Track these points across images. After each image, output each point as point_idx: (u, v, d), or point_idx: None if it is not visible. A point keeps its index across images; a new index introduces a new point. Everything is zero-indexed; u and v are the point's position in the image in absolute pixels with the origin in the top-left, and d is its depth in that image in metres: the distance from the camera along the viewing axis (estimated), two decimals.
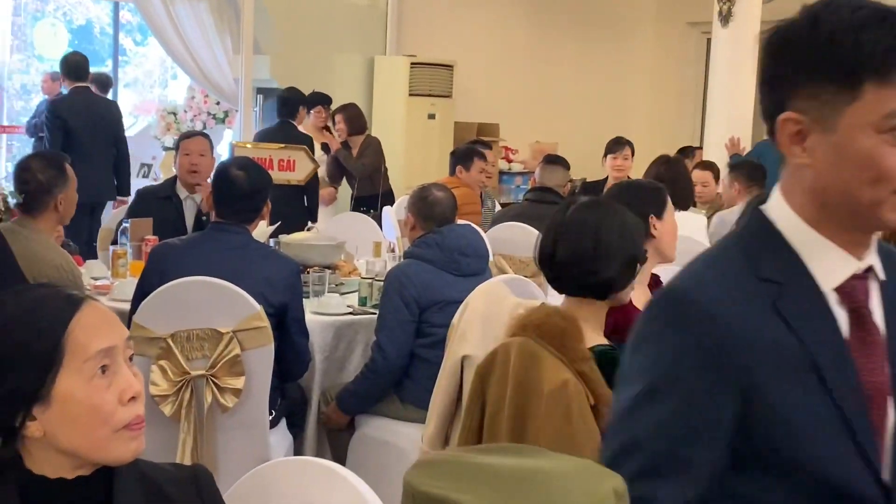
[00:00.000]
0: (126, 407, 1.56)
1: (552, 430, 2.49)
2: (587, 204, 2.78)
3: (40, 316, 1.56)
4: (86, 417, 1.54)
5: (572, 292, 2.73)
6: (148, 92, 12.70)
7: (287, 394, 4.00)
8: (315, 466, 1.79)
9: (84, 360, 1.54)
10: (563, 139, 10.05)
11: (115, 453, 1.57)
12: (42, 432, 1.55)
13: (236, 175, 3.82)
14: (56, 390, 1.53)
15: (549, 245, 2.71)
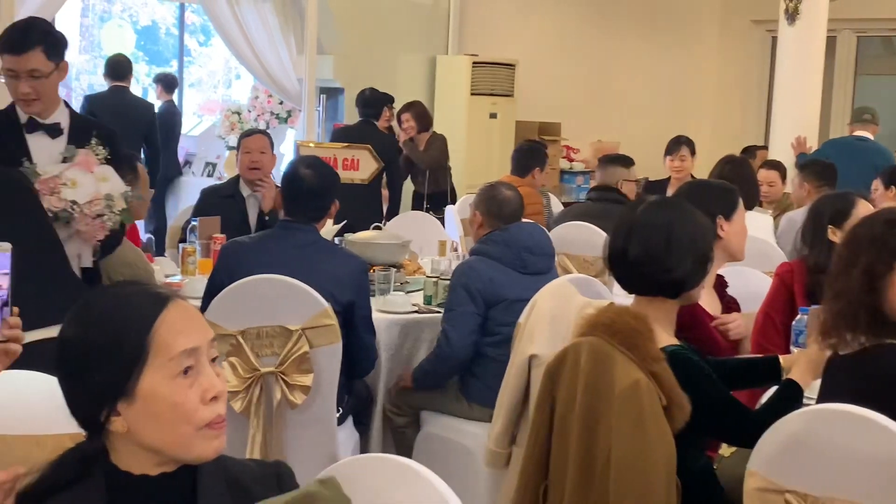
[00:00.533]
0: (208, 406, 1.58)
1: (624, 430, 2.48)
2: (658, 203, 2.77)
3: (128, 313, 1.58)
4: (168, 415, 1.56)
5: (643, 291, 2.72)
6: (212, 92, 12.83)
7: (354, 391, 4.03)
8: (393, 464, 1.80)
9: (168, 358, 1.56)
10: (624, 138, 9.98)
11: (197, 451, 1.59)
12: (126, 428, 1.57)
13: (305, 174, 3.84)
14: (140, 387, 1.55)
15: (621, 244, 2.70)
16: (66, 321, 1.61)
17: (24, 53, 3.50)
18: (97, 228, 3.52)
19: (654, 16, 10.60)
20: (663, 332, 2.65)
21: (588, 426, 2.57)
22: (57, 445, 1.99)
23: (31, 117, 3.63)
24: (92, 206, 3.49)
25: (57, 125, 3.66)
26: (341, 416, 3.83)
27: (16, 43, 3.52)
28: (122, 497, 1.59)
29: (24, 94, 3.54)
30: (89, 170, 3.53)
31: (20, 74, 3.52)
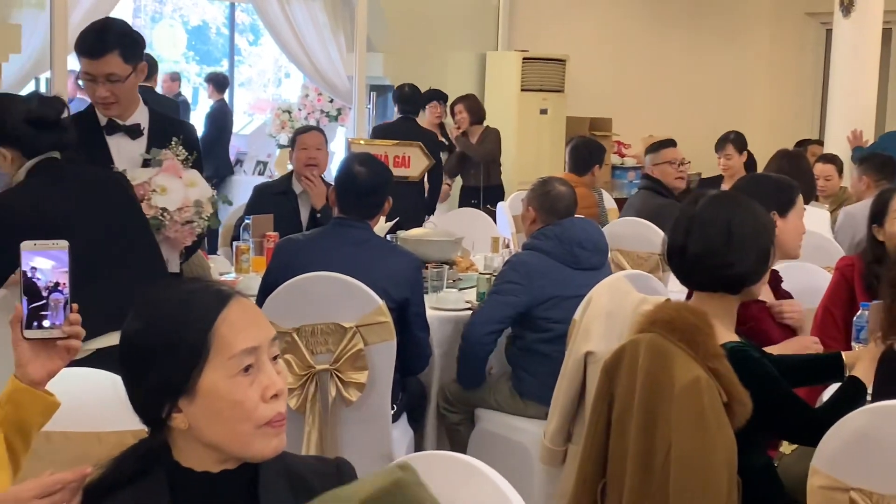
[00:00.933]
0: (268, 404, 1.58)
1: (684, 428, 2.45)
2: (717, 197, 2.73)
3: (190, 310, 1.58)
4: (228, 412, 1.56)
5: (704, 287, 2.68)
6: (262, 91, 12.92)
7: (408, 388, 4.02)
8: (456, 462, 1.79)
9: (228, 356, 1.56)
10: (677, 133, 9.84)
11: (257, 449, 1.59)
12: (187, 424, 1.57)
13: (359, 171, 3.84)
14: (201, 384, 1.56)
15: (680, 239, 2.67)
16: (129, 317, 1.62)
17: (101, 58, 3.42)
18: (186, 235, 3.47)
19: (705, 9, 10.49)
20: (724, 329, 2.61)
21: (647, 424, 2.55)
22: (118, 442, 2.01)
23: (111, 119, 3.56)
24: (182, 212, 3.43)
25: (137, 126, 3.59)
26: (395, 414, 3.83)
27: (92, 47, 3.44)
28: (184, 493, 1.60)
29: (102, 98, 3.47)
30: (178, 175, 3.47)
31: (98, 78, 3.44)
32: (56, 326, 1.87)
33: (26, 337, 1.88)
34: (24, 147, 3.00)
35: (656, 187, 5.76)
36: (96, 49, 3.42)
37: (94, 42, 3.44)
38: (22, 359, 1.90)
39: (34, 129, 2.97)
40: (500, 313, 3.98)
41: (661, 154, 5.83)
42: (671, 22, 10.33)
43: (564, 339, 3.82)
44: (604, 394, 2.71)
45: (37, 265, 1.85)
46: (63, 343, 1.90)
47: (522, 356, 4.07)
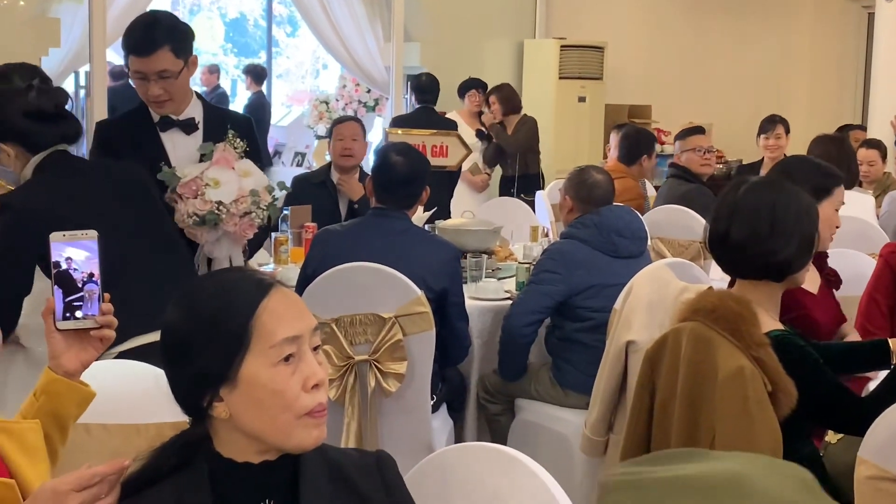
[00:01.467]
0: (309, 394, 1.57)
1: (728, 418, 2.42)
2: (760, 183, 2.68)
3: (231, 297, 1.58)
4: (269, 402, 1.55)
5: (747, 275, 2.64)
6: (300, 82, 12.94)
7: (447, 379, 4.00)
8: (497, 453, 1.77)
9: (270, 345, 1.55)
10: (717, 120, 9.81)
11: (297, 439, 1.58)
12: (228, 414, 1.57)
13: (396, 160, 3.82)
14: (242, 373, 1.55)
15: (723, 226, 2.62)
16: (171, 307, 1.62)
17: (151, 55, 3.24)
18: (246, 227, 3.33)
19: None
20: (767, 317, 2.57)
21: (690, 413, 2.51)
22: (158, 434, 2.01)
23: (165, 115, 3.41)
24: (238, 204, 3.28)
25: (191, 120, 3.43)
26: (435, 404, 3.81)
27: (141, 44, 3.26)
28: (224, 484, 1.59)
29: (154, 96, 3.31)
30: (230, 166, 3.32)
31: (149, 76, 3.27)
32: (89, 317, 1.87)
33: (59, 328, 1.88)
34: (26, 142, 2.85)
35: (683, 174, 5.71)
36: (145, 46, 3.25)
37: (143, 39, 3.26)
38: (55, 350, 1.90)
39: (33, 123, 2.82)
40: (538, 303, 3.95)
41: (688, 141, 5.79)
42: (711, 7, 10.22)
43: (604, 329, 3.78)
44: (646, 383, 2.68)
45: (68, 256, 1.85)
46: (96, 333, 1.90)
47: (562, 346, 4.04)
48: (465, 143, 6.21)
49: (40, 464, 1.81)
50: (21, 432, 1.82)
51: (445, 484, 1.82)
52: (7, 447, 1.78)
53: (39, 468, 1.80)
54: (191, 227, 3.27)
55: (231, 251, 3.36)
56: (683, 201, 5.27)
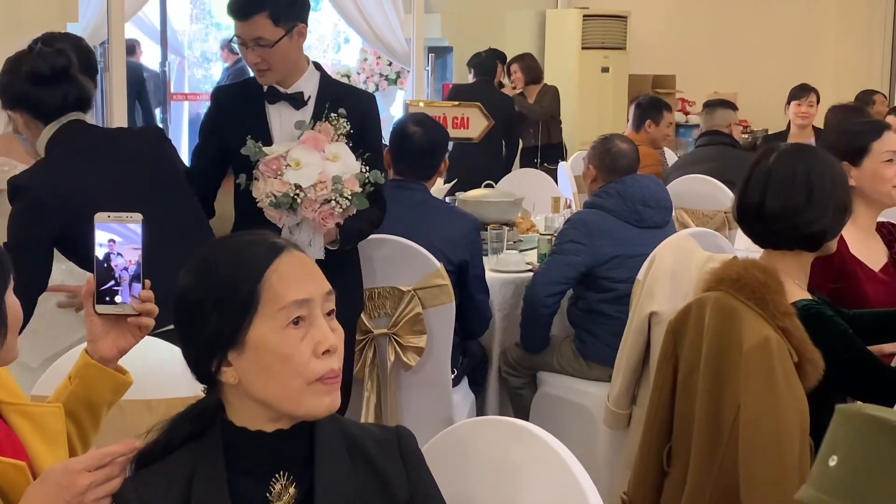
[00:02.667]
0: (320, 360, 1.53)
1: (753, 390, 2.36)
2: (792, 152, 2.60)
3: (241, 260, 1.55)
4: (278, 366, 1.52)
5: (781, 245, 2.56)
6: (321, 56, 12.87)
7: (468, 352, 3.96)
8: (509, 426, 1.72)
9: (278, 308, 1.52)
10: (743, 89, 9.68)
11: (308, 406, 1.54)
12: (237, 379, 1.54)
13: (413, 131, 3.78)
14: (250, 336, 1.52)
15: (756, 196, 2.54)
16: (182, 272, 1.59)
17: (249, 19, 3.07)
18: (325, 215, 3.07)
19: None
20: (795, 287, 2.51)
21: (714, 385, 2.45)
22: (168, 410, 1.97)
23: (272, 86, 3.22)
24: (317, 189, 3.04)
25: (300, 95, 3.20)
26: (456, 378, 3.78)
27: (240, 7, 3.09)
28: (238, 453, 1.56)
29: (253, 63, 3.13)
30: (318, 148, 3.08)
31: (248, 42, 3.10)
32: (127, 303, 1.83)
33: (98, 312, 1.83)
34: (30, 107, 2.80)
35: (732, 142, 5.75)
36: (244, 9, 3.08)
37: (243, 1, 3.10)
38: (93, 334, 1.86)
39: (32, 86, 2.76)
40: (561, 273, 3.89)
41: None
42: None
43: (627, 300, 3.73)
44: (669, 355, 2.62)
45: (110, 238, 1.80)
46: (134, 320, 1.86)
47: (585, 317, 3.99)
48: (486, 114, 6.15)
49: (59, 449, 1.78)
50: (41, 416, 1.78)
51: (462, 458, 1.78)
52: (25, 430, 1.75)
53: (58, 453, 1.77)
54: (267, 207, 3.08)
55: (312, 238, 3.14)
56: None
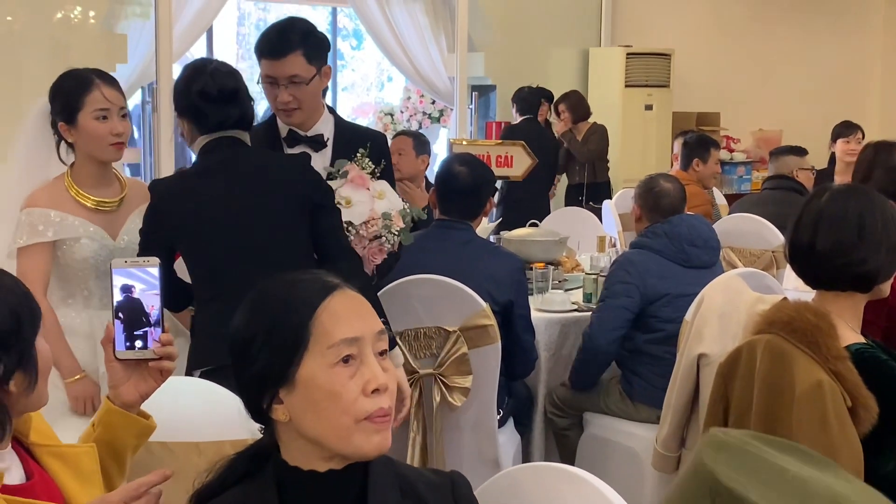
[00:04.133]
0: (369, 398, 1.53)
1: (806, 435, 2.32)
2: (844, 191, 2.57)
3: (292, 297, 1.57)
4: (326, 404, 1.52)
5: (832, 286, 2.52)
6: (365, 94, 12.96)
7: (514, 393, 3.94)
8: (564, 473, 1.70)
9: (328, 346, 1.53)
10: (787, 126, 9.62)
11: (356, 444, 1.53)
12: (288, 416, 1.55)
13: (459, 171, 3.78)
14: (300, 374, 1.53)
15: (807, 235, 2.52)
16: (240, 308, 1.61)
17: (284, 58, 3.09)
18: (375, 252, 3.14)
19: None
20: (848, 330, 2.47)
21: (766, 429, 2.41)
22: (217, 452, 1.98)
23: (292, 129, 3.23)
24: (368, 227, 3.10)
25: (320, 137, 3.24)
26: (502, 419, 3.75)
27: (275, 46, 3.11)
28: (292, 493, 1.56)
29: (283, 102, 3.13)
30: (364, 186, 3.12)
31: (279, 81, 3.11)
32: (148, 348, 1.84)
33: (118, 358, 1.84)
34: (194, 119, 2.91)
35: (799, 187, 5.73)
36: (279, 48, 3.10)
37: (277, 41, 3.12)
38: (114, 380, 1.87)
39: (201, 101, 2.87)
40: (618, 318, 3.87)
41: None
42: (779, 12, 10.03)
43: (675, 340, 3.70)
44: (719, 397, 2.59)
45: (130, 283, 1.82)
46: (155, 364, 1.87)
47: (632, 358, 3.95)
48: (530, 152, 6.15)
49: (94, 489, 1.78)
50: (76, 457, 1.79)
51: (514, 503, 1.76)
52: (60, 472, 1.75)
53: (93, 493, 1.77)
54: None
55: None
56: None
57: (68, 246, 3.08)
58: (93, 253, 3.09)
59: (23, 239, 3.03)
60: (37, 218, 3.04)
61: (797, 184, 5.76)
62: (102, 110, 3.06)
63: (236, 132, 2.92)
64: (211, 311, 2.85)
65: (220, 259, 2.86)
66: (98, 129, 3.06)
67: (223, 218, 2.85)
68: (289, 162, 3.03)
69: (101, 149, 3.09)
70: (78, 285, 3.14)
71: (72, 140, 3.09)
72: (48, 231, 3.04)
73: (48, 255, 3.06)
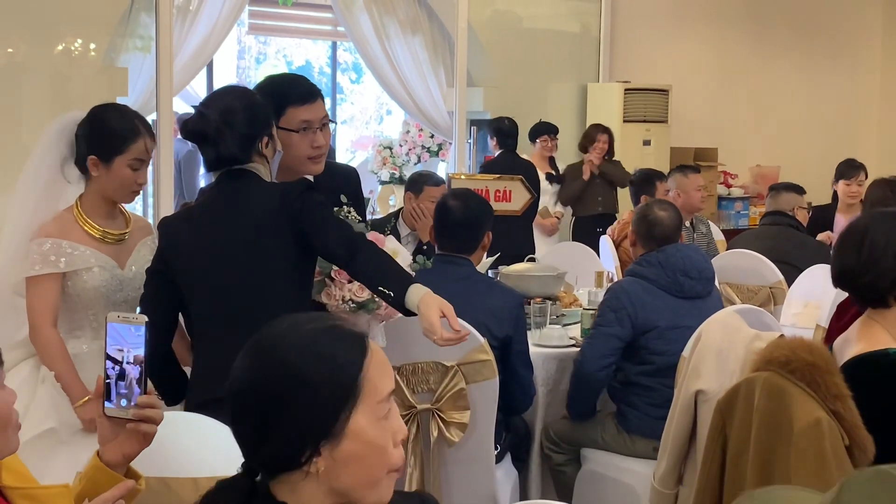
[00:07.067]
0: (396, 449, 1.57)
1: (804, 471, 2.33)
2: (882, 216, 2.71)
3: (335, 353, 1.54)
4: (371, 457, 1.53)
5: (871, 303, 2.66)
6: (364, 128, 13.01)
7: (511, 428, 3.93)
8: None
9: (378, 400, 1.54)
10: (785, 162, 9.66)
11: (380, 493, 1.56)
12: (323, 469, 1.52)
13: (452, 205, 3.80)
14: (350, 428, 1.52)
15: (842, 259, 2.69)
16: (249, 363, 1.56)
17: (317, 101, 3.14)
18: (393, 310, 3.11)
19: (812, 33, 10.23)
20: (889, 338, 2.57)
21: (764, 466, 2.42)
22: None
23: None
24: None
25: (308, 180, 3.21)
26: (499, 454, 3.74)
27: (309, 90, 3.14)
28: None
29: (320, 147, 3.14)
30: (381, 245, 3.04)
31: (314, 124, 3.11)
32: (131, 407, 1.81)
33: (106, 413, 1.82)
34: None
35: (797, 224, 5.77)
36: (312, 93, 3.14)
37: (308, 85, 3.17)
38: (102, 437, 1.86)
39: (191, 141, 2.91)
40: (607, 346, 3.88)
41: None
42: (776, 46, 10.08)
43: (665, 372, 3.72)
44: (717, 434, 2.60)
45: (118, 338, 1.80)
46: (132, 427, 1.83)
47: (625, 391, 3.96)
48: (529, 187, 6.17)
49: None
50: (48, 498, 1.77)
51: None
52: None
53: None
54: (345, 312, 3.08)
55: (375, 333, 3.22)
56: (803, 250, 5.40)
57: (78, 276, 3.10)
58: (104, 283, 3.12)
59: (35, 268, 3.05)
60: (50, 248, 3.06)
61: (795, 220, 5.78)
62: (140, 161, 3.11)
63: (238, 166, 2.88)
64: (206, 343, 2.86)
65: (214, 295, 2.86)
66: (128, 178, 3.11)
67: (216, 254, 2.84)
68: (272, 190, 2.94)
69: (123, 194, 3.16)
70: (86, 316, 3.16)
71: (96, 175, 3.11)
72: (60, 261, 3.06)
73: (58, 285, 3.08)
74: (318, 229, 2.84)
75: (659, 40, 9.39)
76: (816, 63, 10.29)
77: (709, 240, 6.38)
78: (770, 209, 5.99)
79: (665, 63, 9.33)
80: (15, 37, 6.11)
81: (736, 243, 5.95)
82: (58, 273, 3.07)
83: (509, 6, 8.93)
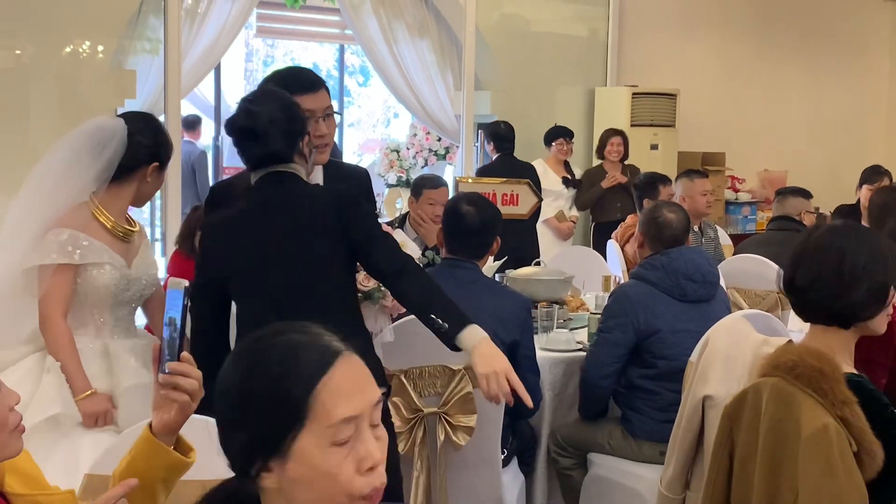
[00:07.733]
0: (364, 477, 1.48)
1: (812, 477, 2.32)
2: (832, 228, 2.59)
3: (292, 366, 1.48)
4: (320, 483, 1.46)
5: (813, 319, 2.55)
6: (371, 131, 13.02)
7: (518, 432, 3.93)
8: None
9: (326, 426, 1.46)
10: (793, 166, 9.65)
11: None
12: (278, 485, 1.48)
13: (466, 211, 3.79)
14: (294, 449, 1.46)
15: (791, 270, 2.54)
16: (233, 362, 1.53)
17: (319, 91, 3.16)
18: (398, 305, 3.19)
19: (820, 38, 10.22)
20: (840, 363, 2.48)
21: (772, 472, 2.41)
22: None
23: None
24: None
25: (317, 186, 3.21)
26: (506, 458, 3.74)
27: (311, 82, 3.17)
28: None
29: (323, 136, 3.16)
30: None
31: (316, 113, 3.13)
32: (163, 373, 1.78)
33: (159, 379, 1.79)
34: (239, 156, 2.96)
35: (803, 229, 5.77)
36: (315, 83, 3.17)
37: (309, 76, 3.22)
38: (154, 402, 1.82)
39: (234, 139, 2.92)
40: (611, 354, 3.88)
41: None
42: (784, 51, 10.07)
43: (670, 376, 3.71)
44: (725, 440, 2.59)
45: (170, 303, 1.79)
46: (164, 393, 1.79)
47: (629, 395, 3.96)
48: (535, 190, 6.17)
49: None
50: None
51: None
52: None
53: None
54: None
55: (383, 324, 3.29)
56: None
57: (89, 272, 3.14)
58: (114, 280, 3.17)
59: (52, 257, 3.08)
60: (67, 239, 3.11)
61: (802, 225, 5.78)
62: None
63: (282, 167, 2.90)
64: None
65: (268, 295, 2.88)
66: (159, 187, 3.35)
67: (270, 254, 2.88)
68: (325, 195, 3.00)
69: (148, 199, 3.39)
70: (92, 314, 3.20)
71: (150, 181, 3.26)
72: (76, 253, 3.11)
73: (72, 278, 3.13)
74: (367, 243, 2.91)
75: (667, 45, 9.38)
76: (824, 67, 10.27)
77: (716, 244, 6.38)
78: (777, 214, 5.98)
79: (673, 67, 9.32)
80: (23, 39, 6.13)
81: (743, 248, 5.95)
82: (72, 265, 3.11)
83: (517, 10, 8.92)
